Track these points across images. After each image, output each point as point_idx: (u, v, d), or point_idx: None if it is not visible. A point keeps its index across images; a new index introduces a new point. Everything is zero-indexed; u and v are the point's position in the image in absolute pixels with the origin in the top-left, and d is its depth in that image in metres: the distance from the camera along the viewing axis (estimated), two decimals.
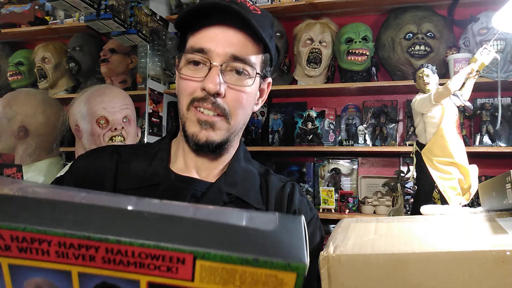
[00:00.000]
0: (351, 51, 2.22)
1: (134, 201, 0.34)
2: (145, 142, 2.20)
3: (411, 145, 0.86)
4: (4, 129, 1.45)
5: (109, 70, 2.58)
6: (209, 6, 0.69)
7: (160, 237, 0.30)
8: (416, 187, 0.92)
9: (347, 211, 2.24)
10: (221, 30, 0.70)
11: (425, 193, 0.80)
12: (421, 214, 0.74)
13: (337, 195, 2.30)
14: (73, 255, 0.30)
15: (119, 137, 1.39)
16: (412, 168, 0.88)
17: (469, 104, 0.81)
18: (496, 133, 2.11)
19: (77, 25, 2.73)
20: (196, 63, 0.72)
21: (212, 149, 0.74)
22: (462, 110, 2.04)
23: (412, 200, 2.06)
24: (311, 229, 0.79)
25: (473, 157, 0.83)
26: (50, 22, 2.84)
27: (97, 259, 0.30)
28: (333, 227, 0.84)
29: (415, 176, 0.84)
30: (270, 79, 0.82)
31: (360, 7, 2.38)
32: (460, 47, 2.16)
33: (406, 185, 2.11)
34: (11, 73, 2.88)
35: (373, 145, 2.31)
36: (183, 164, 0.78)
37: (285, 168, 2.53)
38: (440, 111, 0.78)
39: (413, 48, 2.13)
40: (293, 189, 0.82)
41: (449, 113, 0.77)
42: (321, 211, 2.24)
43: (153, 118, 2.38)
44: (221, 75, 0.70)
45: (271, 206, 0.78)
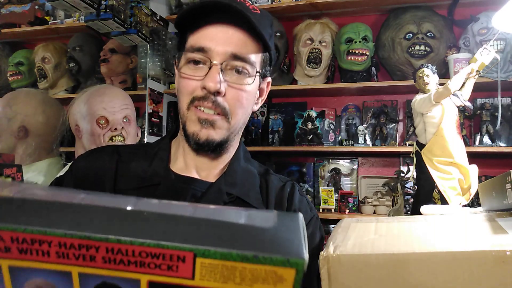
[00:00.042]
0: (351, 51, 2.22)
1: (133, 201, 0.34)
2: (145, 142, 2.20)
3: (411, 145, 0.86)
4: (4, 129, 1.45)
5: (109, 70, 2.58)
6: (209, 4, 0.69)
7: (160, 236, 0.30)
8: (416, 187, 0.92)
9: (347, 211, 2.24)
10: (221, 28, 0.70)
11: (425, 193, 0.80)
12: (421, 214, 0.74)
13: (337, 195, 2.30)
14: (73, 255, 0.30)
15: (119, 137, 1.39)
16: (412, 168, 0.88)
17: (469, 104, 0.81)
18: (496, 133, 2.11)
19: (77, 25, 2.73)
20: (196, 62, 0.71)
21: (212, 148, 0.74)
22: (462, 110, 2.04)
23: (412, 200, 2.06)
24: (311, 229, 0.78)
25: (473, 157, 0.83)
26: (50, 22, 2.84)
27: (98, 259, 0.30)
28: (333, 227, 0.84)
29: (415, 176, 0.84)
30: (269, 79, 0.82)
31: (360, 7, 2.38)
32: (460, 47, 2.16)
33: (406, 185, 2.11)
34: (11, 73, 2.88)
35: (373, 145, 2.31)
36: (183, 164, 0.78)
37: (285, 168, 2.52)
38: (440, 111, 0.78)
39: (413, 48, 2.13)
40: (293, 189, 0.82)
41: (449, 113, 0.77)
42: (321, 211, 2.24)
43: (153, 118, 2.38)
44: (221, 74, 0.70)
45: (271, 206, 0.78)
